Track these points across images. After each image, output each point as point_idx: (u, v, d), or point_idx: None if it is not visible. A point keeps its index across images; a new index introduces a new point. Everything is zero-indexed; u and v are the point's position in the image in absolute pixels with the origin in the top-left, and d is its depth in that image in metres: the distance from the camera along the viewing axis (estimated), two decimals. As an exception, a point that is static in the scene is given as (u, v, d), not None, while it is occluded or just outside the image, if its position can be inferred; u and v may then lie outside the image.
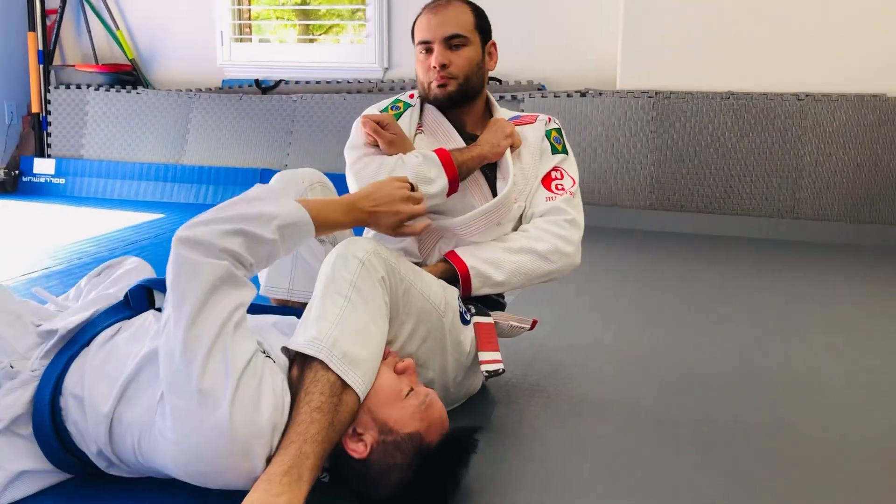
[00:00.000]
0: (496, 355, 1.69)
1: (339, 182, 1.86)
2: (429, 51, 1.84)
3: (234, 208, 1.32)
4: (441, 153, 1.77)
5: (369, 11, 4.64)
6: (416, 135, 1.92)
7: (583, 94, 4.09)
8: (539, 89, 4.32)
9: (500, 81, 4.41)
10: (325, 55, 4.98)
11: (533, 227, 1.84)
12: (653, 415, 1.79)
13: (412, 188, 1.61)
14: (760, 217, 3.86)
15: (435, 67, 1.82)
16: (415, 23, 1.90)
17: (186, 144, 4.72)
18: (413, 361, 1.42)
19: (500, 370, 1.67)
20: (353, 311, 1.37)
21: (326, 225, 1.46)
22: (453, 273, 1.75)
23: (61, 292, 2.72)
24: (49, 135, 4.92)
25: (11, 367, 1.36)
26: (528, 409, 1.81)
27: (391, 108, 1.95)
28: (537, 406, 1.82)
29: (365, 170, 1.79)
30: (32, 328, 1.42)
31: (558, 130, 1.98)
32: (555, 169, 1.92)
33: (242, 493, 1.20)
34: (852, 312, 2.66)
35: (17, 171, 4.89)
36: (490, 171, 1.88)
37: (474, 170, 1.82)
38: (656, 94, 3.97)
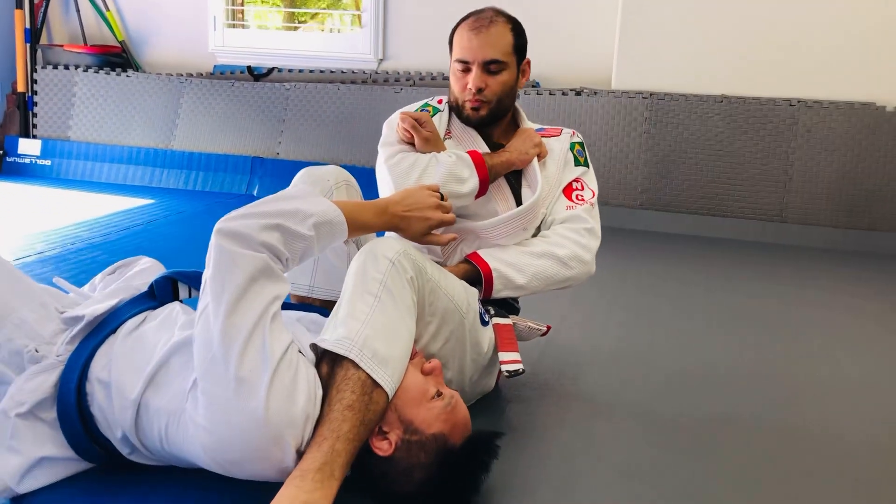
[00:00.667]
0: (516, 356, 1.72)
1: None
2: (466, 70, 1.85)
3: (272, 204, 1.34)
4: (474, 155, 1.81)
5: (365, 2, 4.62)
6: (444, 139, 1.94)
7: (578, 93, 4.11)
8: (534, 86, 4.34)
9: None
10: (319, 44, 4.95)
11: (553, 233, 1.88)
12: (660, 415, 1.83)
13: (442, 198, 1.64)
14: (749, 220, 3.92)
15: (470, 89, 1.84)
16: (454, 32, 1.90)
17: (176, 129, 4.67)
18: (440, 363, 1.44)
19: (521, 370, 1.70)
20: (382, 310, 1.38)
21: (359, 226, 1.48)
22: (475, 274, 1.78)
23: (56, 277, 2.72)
24: (35, 115, 4.84)
25: (37, 351, 1.37)
26: (539, 409, 1.83)
27: (421, 111, 1.97)
28: (548, 406, 1.85)
29: (399, 165, 1.81)
30: (56, 314, 1.42)
31: (581, 144, 2.03)
32: (576, 180, 1.96)
33: (260, 487, 1.21)
34: (840, 315, 2.72)
35: (1, 151, 4.81)
36: (514, 179, 1.92)
37: (501, 175, 1.86)
38: (651, 95, 4.01)
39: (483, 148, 1.89)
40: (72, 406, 1.34)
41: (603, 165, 4.07)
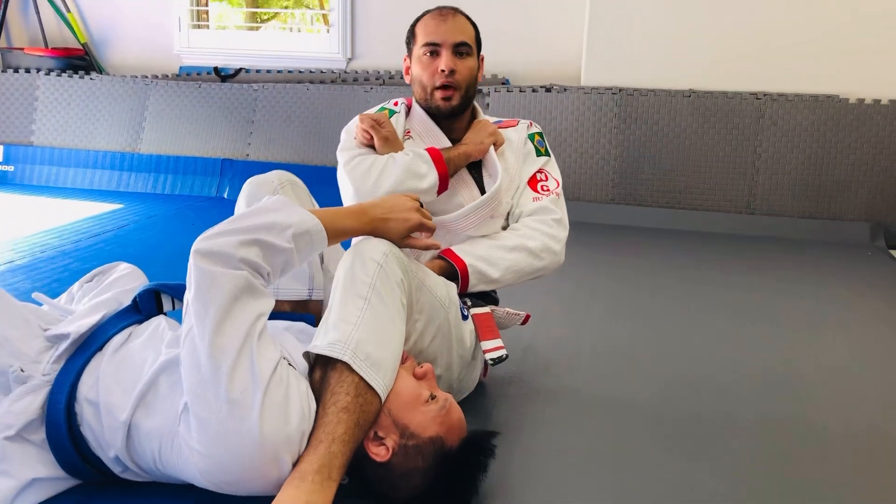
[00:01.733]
0: (498, 342, 1.77)
1: (308, 175, 1.98)
2: (434, 53, 1.87)
3: (248, 219, 1.33)
4: (431, 150, 1.83)
5: (332, 1, 4.60)
6: (404, 140, 1.95)
7: (547, 90, 4.14)
8: (504, 83, 4.36)
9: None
10: (287, 44, 4.91)
11: (523, 225, 1.90)
12: (645, 408, 1.86)
13: (421, 205, 1.64)
14: (719, 212, 3.98)
15: (443, 71, 1.85)
16: (415, 25, 1.93)
17: (143, 132, 4.61)
18: (432, 367, 1.44)
19: (505, 356, 1.73)
20: (373, 312, 1.39)
21: (338, 233, 1.47)
22: (451, 270, 1.79)
23: (29, 288, 2.68)
24: (-4, 120, 4.74)
25: (22, 370, 1.34)
26: (527, 407, 1.85)
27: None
28: (535, 404, 1.87)
29: (358, 168, 1.82)
30: (40, 332, 1.40)
31: (540, 135, 2.05)
32: (539, 171, 1.98)
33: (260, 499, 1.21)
34: (812, 304, 2.78)
35: (-39, 158, 4.70)
36: (476, 172, 1.94)
37: (461, 167, 1.88)
38: (620, 90, 4.05)
39: (444, 143, 1.91)
40: (61, 427, 1.32)
41: (574, 161, 4.10)
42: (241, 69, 4.70)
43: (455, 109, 1.91)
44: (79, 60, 4.87)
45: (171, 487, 1.39)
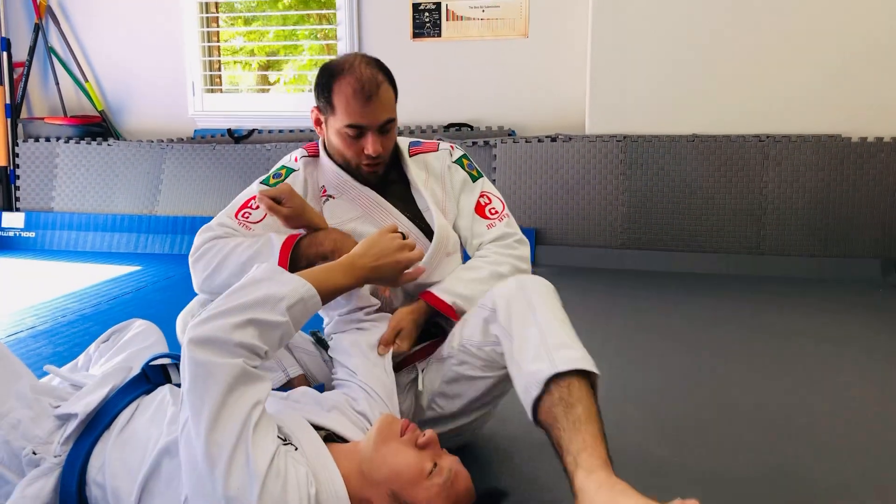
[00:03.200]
0: None
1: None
2: (359, 135, 1.80)
3: (240, 296, 1.30)
4: (285, 244, 1.70)
5: (341, 61, 4.73)
6: (324, 201, 1.90)
7: (553, 139, 4.22)
8: (510, 134, 4.44)
9: (471, 127, 4.52)
10: (297, 104, 5.04)
11: (490, 252, 1.89)
12: (660, 458, 1.87)
13: (403, 236, 1.61)
14: (728, 254, 4.01)
15: (369, 154, 1.80)
16: (333, 91, 1.79)
17: (160, 195, 4.72)
18: (435, 434, 1.37)
19: None
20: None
21: (330, 292, 1.45)
22: (434, 311, 1.79)
23: (51, 353, 2.74)
24: (18, 188, 4.88)
25: (34, 453, 1.34)
26: (539, 462, 1.86)
27: (273, 178, 1.90)
28: (546, 458, 1.87)
29: (198, 261, 1.73)
30: (50, 410, 1.39)
31: (467, 157, 2.02)
32: (481, 195, 1.97)
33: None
34: (826, 345, 2.79)
35: (-16, 226, 4.83)
36: (407, 207, 1.91)
37: (314, 262, 1.70)
38: (624, 137, 4.12)
39: (367, 195, 1.87)
40: None
41: (582, 208, 4.16)
42: (253, 130, 4.82)
43: (381, 174, 1.88)
44: (96, 127, 5.01)
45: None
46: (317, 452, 1.33)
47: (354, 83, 1.75)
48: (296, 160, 1.92)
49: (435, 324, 1.85)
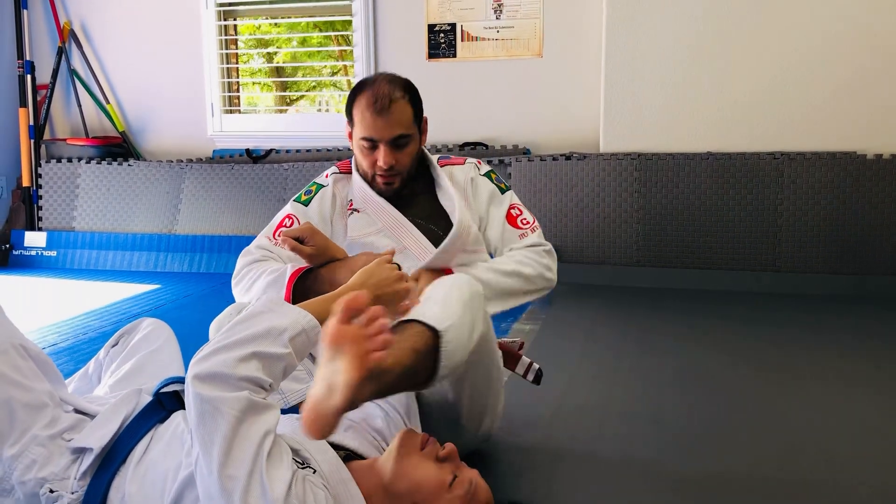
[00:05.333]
0: (525, 360, 1.90)
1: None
2: (372, 147, 1.90)
3: (241, 330, 1.30)
4: (290, 279, 1.78)
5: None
6: (349, 214, 1.98)
7: (567, 158, 4.24)
8: (525, 153, 4.48)
9: (486, 146, 4.56)
10: (313, 124, 5.11)
11: (519, 253, 1.95)
12: (675, 475, 1.87)
13: (399, 267, 1.63)
14: (743, 271, 4.00)
15: (381, 166, 1.90)
16: (353, 103, 1.92)
17: (179, 214, 4.78)
18: (454, 447, 1.38)
19: (540, 370, 1.89)
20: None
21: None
22: None
23: (73, 369, 2.77)
24: (40, 208, 4.96)
25: (52, 491, 1.33)
26: (555, 474, 1.88)
27: (304, 195, 2.03)
28: (564, 471, 1.90)
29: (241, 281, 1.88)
30: (64, 444, 1.38)
31: (494, 172, 2.10)
32: (511, 207, 2.03)
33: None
34: (839, 360, 2.78)
35: (7, 245, 4.90)
36: (423, 218, 1.97)
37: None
38: (639, 156, 4.14)
39: (390, 212, 1.94)
40: None
41: (597, 226, 4.17)
42: (271, 150, 4.88)
43: (398, 190, 1.95)
44: (117, 148, 5.10)
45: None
46: (337, 473, 1.33)
47: (370, 97, 1.86)
48: (326, 176, 2.03)
49: None
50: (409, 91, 1.94)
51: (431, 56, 4.64)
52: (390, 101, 1.86)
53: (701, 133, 4.10)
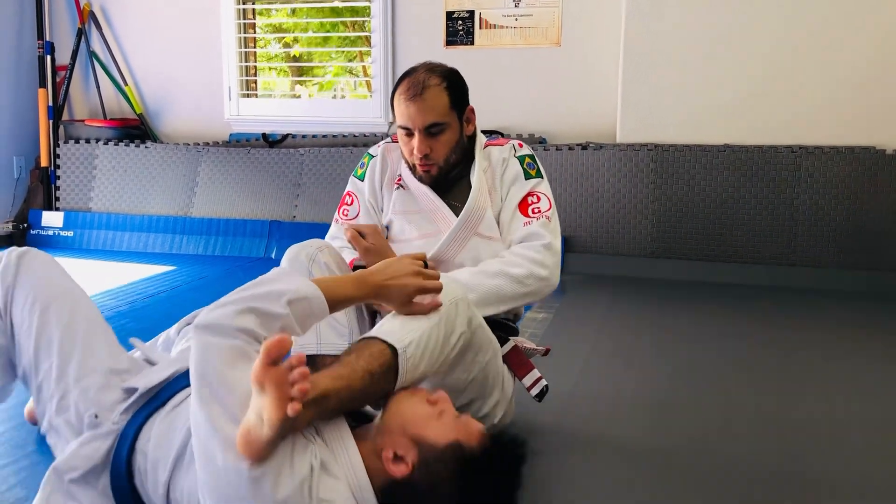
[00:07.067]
0: (535, 373, 1.84)
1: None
2: (409, 134, 1.92)
3: (249, 290, 1.38)
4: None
5: (374, 68, 4.80)
6: (395, 188, 2.03)
7: (584, 148, 4.24)
8: (541, 142, 4.47)
9: (501, 135, 4.55)
10: (331, 109, 5.13)
11: (510, 253, 1.91)
12: (685, 462, 1.89)
13: (425, 265, 1.63)
14: (758, 265, 3.99)
15: (416, 154, 1.91)
16: (393, 95, 1.95)
17: (195, 197, 4.81)
18: (445, 393, 1.45)
19: (546, 387, 1.84)
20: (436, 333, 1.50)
21: (338, 300, 1.48)
22: None
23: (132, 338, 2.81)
24: (58, 188, 5.00)
25: (96, 417, 1.44)
26: (568, 458, 1.89)
27: (359, 168, 2.11)
28: (577, 455, 1.91)
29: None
30: (118, 383, 1.50)
31: (532, 157, 2.04)
32: (530, 194, 1.98)
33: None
34: (853, 357, 2.78)
35: (25, 224, 4.94)
36: (450, 196, 1.99)
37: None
38: (655, 147, 4.13)
39: (430, 196, 1.97)
40: (123, 479, 1.41)
41: (612, 216, 4.17)
42: (287, 135, 4.90)
43: (437, 178, 1.96)
44: (135, 130, 5.12)
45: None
46: (338, 433, 1.38)
47: (405, 86, 1.89)
48: (378, 147, 2.08)
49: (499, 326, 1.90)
50: (448, 79, 1.92)
51: (449, 43, 4.63)
52: (423, 88, 1.86)
53: (719, 125, 4.08)
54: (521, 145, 2.05)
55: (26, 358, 1.53)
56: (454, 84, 1.93)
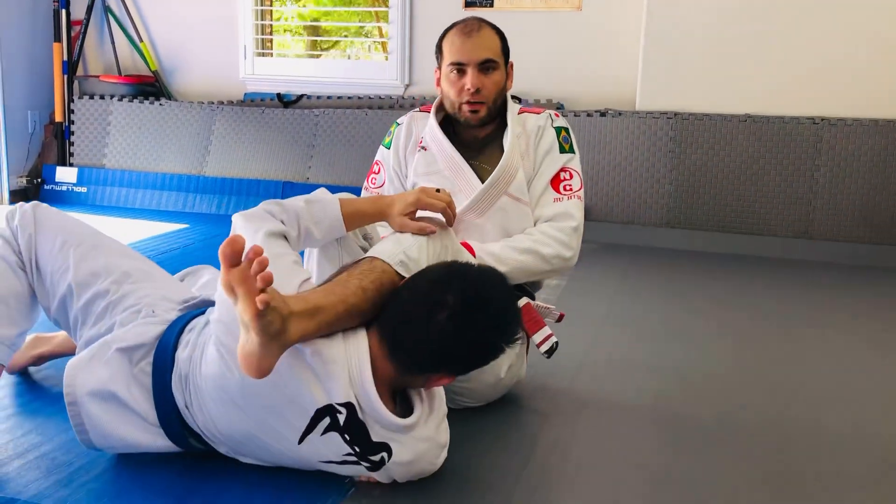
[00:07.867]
0: (546, 331, 1.85)
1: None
2: (461, 72, 1.95)
3: (278, 203, 1.60)
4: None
5: (392, 30, 4.74)
6: (417, 150, 2.04)
7: (602, 114, 4.18)
8: (559, 108, 4.42)
9: (519, 100, 4.49)
10: (346, 71, 5.07)
11: (539, 231, 1.94)
12: (697, 427, 1.88)
13: (438, 191, 1.71)
14: (775, 237, 3.95)
15: (469, 89, 1.92)
16: (442, 40, 2.01)
17: (209, 156, 4.79)
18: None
19: (556, 344, 1.85)
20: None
21: (353, 210, 1.64)
22: None
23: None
24: (72, 144, 4.98)
25: (153, 312, 1.61)
26: (579, 421, 1.88)
27: (387, 136, 2.15)
28: (588, 419, 1.90)
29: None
30: (177, 305, 1.65)
31: (567, 130, 2.03)
32: (563, 170, 1.98)
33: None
34: (868, 330, 2.75)
35: (39, 179, 4.95)
36: (480, 160, 2.00)
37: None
38: (675, 115, 4.07)
39: (451, 153, 1.98)
40: (169, 361, 1.52)
41: (629, 185, 4.13)
42: (302, 95, 4.86)
43: (483, 120, 1.98)
44: (149, 87, 5.09)
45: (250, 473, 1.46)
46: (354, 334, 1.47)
47: (459, 26, 1.98)
48: (406, 116, 2.13)
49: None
50: (497, 28, 2.02)
51: (468, 5, 4.56)
52: (478, 27, 1.96)
53: (740, 94, 4.01)
54: (557, 115, 2.05)
55: (64, 290, 1.64)
56: (502, 34, 2.02)
